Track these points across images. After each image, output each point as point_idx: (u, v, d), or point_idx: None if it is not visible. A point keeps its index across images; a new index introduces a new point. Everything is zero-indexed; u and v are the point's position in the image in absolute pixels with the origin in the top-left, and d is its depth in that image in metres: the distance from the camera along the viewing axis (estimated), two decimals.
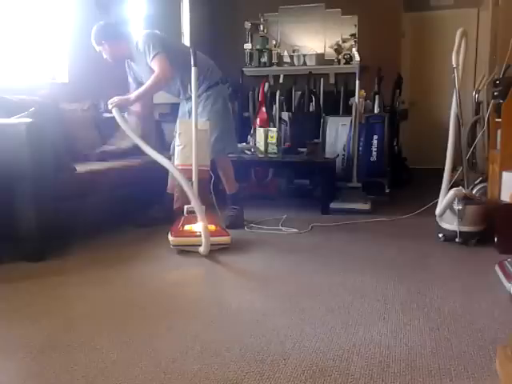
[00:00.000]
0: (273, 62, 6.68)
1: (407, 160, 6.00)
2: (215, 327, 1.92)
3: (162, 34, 3.42)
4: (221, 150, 3.47)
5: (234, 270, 2.74)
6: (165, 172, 3.42)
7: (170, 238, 2.96)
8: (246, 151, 4.43)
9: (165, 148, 3.72)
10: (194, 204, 2.91)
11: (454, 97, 3.17)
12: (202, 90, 3.42)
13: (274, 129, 4.51)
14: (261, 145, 4.39)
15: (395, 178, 5.24)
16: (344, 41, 6.51)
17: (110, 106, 3.21)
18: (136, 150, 3.31)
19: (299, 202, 4.61)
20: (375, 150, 4.88)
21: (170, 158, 3.39)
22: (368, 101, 5.25)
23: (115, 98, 3.22)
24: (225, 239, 2.98)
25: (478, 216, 3.08)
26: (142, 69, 3.38)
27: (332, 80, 6.44)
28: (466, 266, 2.75)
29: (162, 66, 3.22)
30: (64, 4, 4.19)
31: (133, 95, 3.28)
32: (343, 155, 4.77)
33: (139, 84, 3.41)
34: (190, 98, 3.13)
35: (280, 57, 6.68)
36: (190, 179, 3.06)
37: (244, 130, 4.94)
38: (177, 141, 3.20)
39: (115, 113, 3.18)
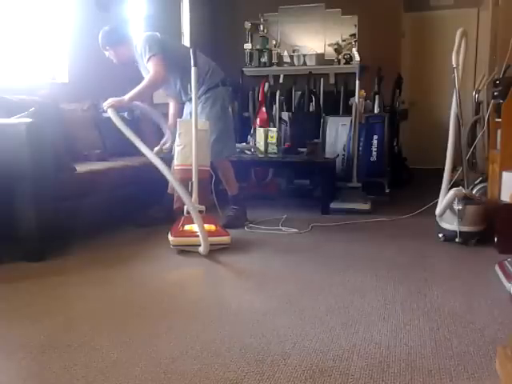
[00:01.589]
0: (273, 62, 6.68)
1: (407, 160, 6.00)
2: (215, 327, 1.92)
3: (163, 36, 3.43)
4: (218, 153, 3.45)
5: (234, 270, 2.74)
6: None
7: (170, 237, 2.96)
8: (246, 151, 4.43)
9: None
10: (188, 206, 2.90)
11: (454, 97, 3.17)
12: (201, 93, 3.42)
13: (274, 129, 4.52)
14: (261, 145, 4.39)
15: (395, 178, 5.24)
16: (344, 41, 6.51)
17: (105, 108, 3.23)
18: None
19: (299, 201, 4.61)
20: (375, 150, 4.88)
21: (171, 157, 3.40)
22: (368, 101, 5.24)
23: (110, 100, 3.24)
24: (225, 239, 2.98)
25: (477, 216, 3.08)
26: (144, 71, 3.41)
27: (332, 80, 6.44)
28: (466, 265, 2.75)
29: (156, 68, 3.24)
30: (64, 4, 4.19)
31: (126, 96, 3.28)
32: (343, 155, 4.77)
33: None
34: (191, 100, 3.13)
35: (280, 57, 6.68)
36: (190, 179, 3.06)
37: (244, 130, 4.94)
38: (177, 141, 3.20)
39: (111, 113, 3.18)
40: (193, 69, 3.01)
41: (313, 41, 6.62)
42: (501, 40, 4.35)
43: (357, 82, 4.53)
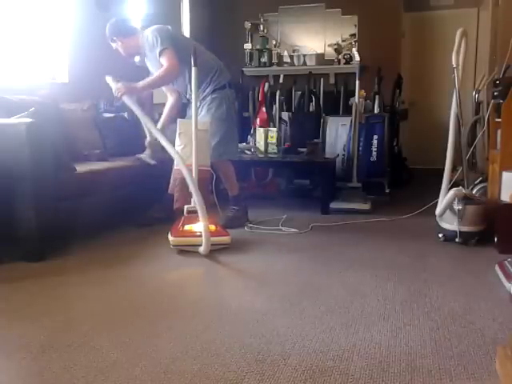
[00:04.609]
0: (273, 62, 6.69)
1: (407, 160, 6.00)
2: (215, 327, 1.92)
3: (173, 30, 3.42)
4: (219, 155, 3.45)
5: (234, 269, 2.74)
6: (165, 172, 3.42)
7: (170, 237, 2.96)
8: (246, 151, 4.43)
9: None
10: (198, 203, 2.90)
11: (454, 97, 3.17)
12: (208, 92, 3.42)
13: (274, 129, 4.52)
14: (261, 145, 4.39)
15: (395, 178, 5.24)
16: (344, 41, 6.51)
17: (118, 94, 3.22)
18: None
19: (299, 201, 4.61)
20: (375, 150, 4.88)
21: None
22: (368, 101, 5.25)
23: (121, 87, 3.21)
24: (225, 239, 2.98)
25: (477, 216, 3.08)
26: (153, 63, 3.40)
27: (332, 80, 6.44)
28: (466, 265, 2.75)
29: (170, 61, 3.23)
30: (64, 4, 4.19)
31: (140, 84, 3.27)
32: (343, 155, 4.77)
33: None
34: (198, 98, 3.13)
35: (280, 57, 6.68)
36: None
37: (244, 130, 4.93)
38: (177, 141, 3.20)
39: (126, 100, 3.18)
40: (193, 69, 3.01)
41: (313, 41, 6.63)
42: (501, 40, 4.35)
43: (357, 82, 4.53)
